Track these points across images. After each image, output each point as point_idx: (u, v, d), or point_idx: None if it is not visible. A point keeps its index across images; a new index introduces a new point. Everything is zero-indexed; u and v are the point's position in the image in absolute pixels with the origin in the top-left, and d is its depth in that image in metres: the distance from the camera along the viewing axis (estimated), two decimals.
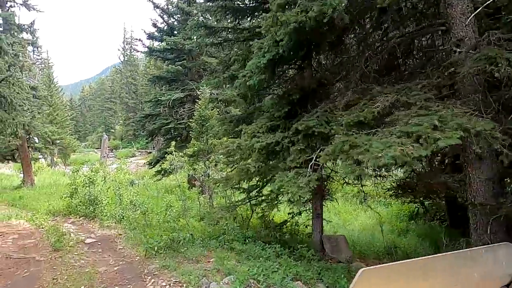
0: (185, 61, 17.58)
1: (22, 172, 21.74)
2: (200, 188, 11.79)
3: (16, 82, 13.95)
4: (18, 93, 13.76)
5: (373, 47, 5.53)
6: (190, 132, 13.37)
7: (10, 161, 22.47)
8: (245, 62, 7.02)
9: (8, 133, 19.14)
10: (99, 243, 8.04)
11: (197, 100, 14.75)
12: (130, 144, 56.71)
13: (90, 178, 11.18)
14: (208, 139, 11.94)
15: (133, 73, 60.43)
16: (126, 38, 61.27)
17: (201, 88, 13.90)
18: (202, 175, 11.24)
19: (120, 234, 8.72)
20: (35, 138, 22.65)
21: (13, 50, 19.99)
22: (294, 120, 5.34)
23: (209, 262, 6.35)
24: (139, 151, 53.86)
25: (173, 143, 13.17)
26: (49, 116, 30.69)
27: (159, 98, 16.63)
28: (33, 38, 21.58)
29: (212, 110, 12.31)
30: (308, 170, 4.82)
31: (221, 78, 7.09)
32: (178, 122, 17.00)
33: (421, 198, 11.19)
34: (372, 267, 2.10)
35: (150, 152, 55.40)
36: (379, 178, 10.19)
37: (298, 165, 5.06)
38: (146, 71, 55.21)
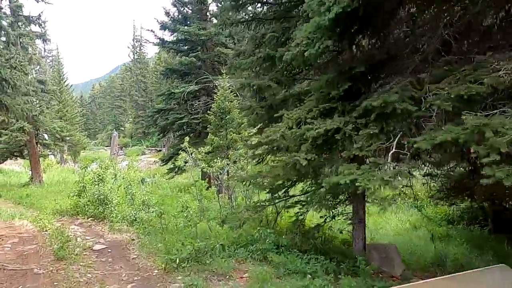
0: (199, 52, 16.43)
1: (30, 169, 20.85)
2: (218, 188, 10.61)
3: (19, 66, 12.83)
4: (21, 77, 12.54)
5: (453, 10, 4.28)
6: (208, 126, 12.20)
7: (19, 158, 21.58)
8: (285, 39, 5.83)
9: (15, 127, 18.22)
10: (109, 250, 6.91)
11: (215, 92, 13.61)
12: (140, 142, 55.90)
13: (100, 176, 10.08)
14: (228, 133, 10.77)
15: (143, 70, 59.61)
16: (136, 36, 60.50)
17: (220, 78, 12.73)
18: (221, 173, 10.06)
19: (133, 240, 7.59)
20: (45, 134, 21.75)
21: (21, 41, 19.10)
22: (358, 100, 4.15)
23: (242, 278, 5.16)
24: (149, 149, 53.04)
25: (187, 138, 12.07)
26: (59, 113, 29.86)
27: (173, 91, 15.50)
28: (41, 30, 20.61)
29: (231, 102, 11.15)
30: (388, 160, 3.61)
31: (255, 58, 5.88)
32: (192, 117, 15.86)
33: (468, 201, 9.86)
34: None
35: (160, 150, 54.57)
36: (426, 178, 8.92)
37: (367, 154, 3.85)
38: (156, 68, 54.36)
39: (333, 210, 7.74)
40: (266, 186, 6.56)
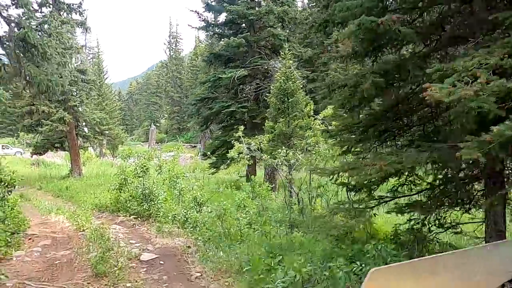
0: (247, 33, 14.61)
1: (70, 161, 20.04)
2: (288, 184, 8.68)
3: (54, 33, 11.38)
4: (54, 44, 11.00)
5: None
6: (267, 112, 10.29)
7: (59, 149, 20.88)
8: None
9: (55, 117, 17.33)
10: (161, 262, 5.20)
11: (267, 77, 11.75)
12: (175, 138, 55.42)
13: (144, 166, 8.49)
14: (291, 119, 8.86)
15: (178, 67, 59.11)
16: (172, 32, 60.08)
17: (279, 59, 10.84)
18: (287, 165, 8.13)
19: (189, 247, 5.84)
20: (85, 128, 20.91)
21: (60, 28, 18.19)
22: None
23: None
24: (184, 145, 52.38)
25: (241, 127, 10.37)
26: (98, 106, 29.29)
27: (220, 76, 13.80)
28: (82, 18, 19.66)
29: (294, 83, 9.19)
30: None
31: None
32: (240, 105, 14.10)
33: None
34: (382, 267, 2.07)
35: (195, 146, 53.76)
36: None
37: None
38: (192, 64, 53.58)
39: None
40: (373, 178, 4.57)
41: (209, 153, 15.63)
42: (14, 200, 7.51)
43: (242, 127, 10.59)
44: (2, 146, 34.63)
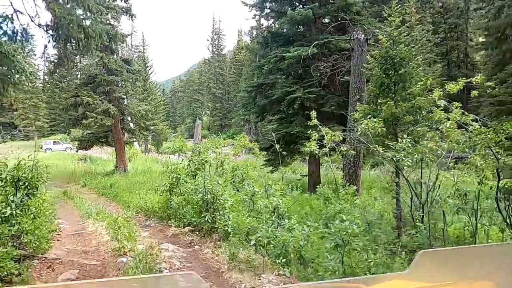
0: (315, 3, 11.99)
1: (116, 156, 18.70)
2: (395, 189, 5.99)
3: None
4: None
5: None
6: (337, 97, 7.60)
7: (104, 144, 19.66)
8: None
9: (100, 109, 15.90)
10: None
11: (345, 54, 9.10)
12: (217, 134, 54.05)
13: (204, 160, 6.23)
14: (406, 97, 6.17)
15: (221, 63, 57.74)
16: (215, 28, 58.76)
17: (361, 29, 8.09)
18: (394, 162, 5.44)
19: None
20: (130, 123, 19.50)
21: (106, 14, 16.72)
22: None
23: None
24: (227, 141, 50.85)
25: (313, 113, 7.98)
26: (143, 101, 28.18)
27: (283, 55, 11.30)
28: (127, 5, 18.13)
29: (407, 47, 6.50)
30: None
31: None
32: (307, 90, 11.55)
33: None
34: (429, 249, 2.03)
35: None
36: None
37: None
38: (235, 58, 51.86)
39: None
40: None
41: (264, 149, 13.21)
42: (38, 206, 5.56)
43: (314, 113, 8.14)
44: (54, 142, 34.93)
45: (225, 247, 5.02)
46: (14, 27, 6.53)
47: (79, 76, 39.68)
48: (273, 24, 17.29)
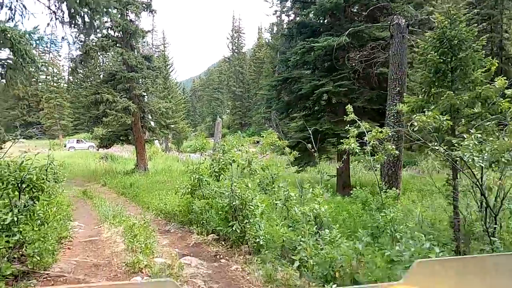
0: None
1: (136, 156, 18.30)
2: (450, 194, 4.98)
3: None
4: None
5: None
6: (370, 91, 6.58)
7: (124, 143, 19.31)
8: None
9: (120, 106, 15.46)
10: None
11: (383, 43, 8.12)
12: (237, 133, 53.46)
13: (230, 159, 5.44)
14: (467, 83, 5.14)
15: (241, 61, 57.12)
16: (235, 26, 58.21)
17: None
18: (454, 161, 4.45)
19: None
20: (151, 122, 19.06)
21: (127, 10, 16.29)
22: None
23: None
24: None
25: (349, 108, 7.04)
26: (164, 99, 27.84)
27: (312, 46, 10.34)
28: (147, 0, 17.64)
29: (466, 27, 5.46)
30: None
31: None
32: (337, 83, 10.57)
33: None
34: (426, 259, 1.97)
35: (258, 142, 51.18)
36: None
37: None
38: (255, 55, 51.09)
39: None
40: None
41: (285, 147, 12.28)
42: (47, 211, 4.93)
43: (350, 107, 7.20)
44: (77, 140, 35.30)
45: (257, 263, 4.19)
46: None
47: (101, 76, 39.99)
48: (297, 17, 16.34)
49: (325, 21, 13.25)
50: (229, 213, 4.94)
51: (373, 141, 6.44)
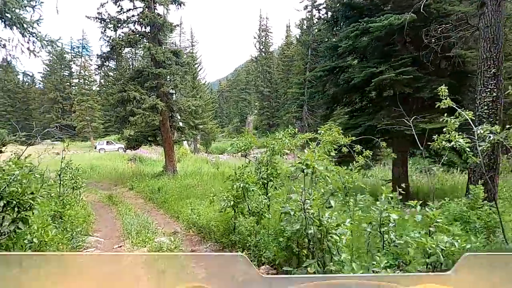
0: None
1: (164, 158, 17.11)
2: None
3: None
4: None
5: None
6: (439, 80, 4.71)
7: (153, 144, 18.16)
8: None
9: (147, 105, 14.26)
10: None
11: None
12: (265, 134, 51.75)
13: (304, 161, 3.81)
14: None
15: (268, 61, 55.53)
16: (262, 25, 56.69)
17: None
18: None
19: None
20: (180, 122, 17.85)
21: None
22: None
23: None
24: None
25: (444, 88, 5.21)
26: (193, 97, 26.74)
27: (369, 26, 8.47)
28: None
29: None
30: None
31: None
32: (399, 70, 8.67)
33: None
34: (475, 253, 1.97)
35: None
36: None
37: None
38: (283, 54, 49.34)
39: None
40: None
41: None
42: (40, 236, 3.52)
43: (445, 89, 5.45)
44: (107, 142, 35.06)
45: None
46: None
47: (128, 74, 39.63)
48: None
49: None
50: (300, 243, 3.28)
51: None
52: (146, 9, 15.47)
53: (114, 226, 8.66)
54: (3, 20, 7.12)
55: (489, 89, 6.56)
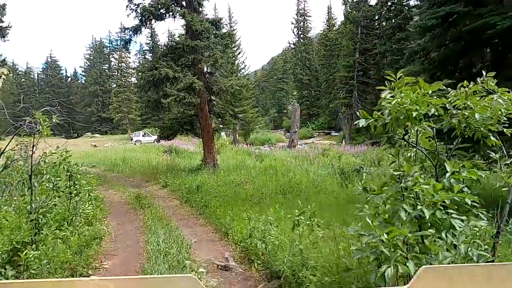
0: None
1: (203, 149, 14.36)
2: None
3: None
4: None
5: None
6: None
7: (189, 133, 15.42)
8: None
9: (181, 85, 11.45)
10: None
11: None
12: (305, 124, 47.96)
13: None
14: None
15: (307, 47, 51.48)
16: (300, 9, 52.55)
17: None
18: None
19: None
20: (219, 104, 15.01)
21: None
22: None
23: None
24: (317, 132, 44.57)
25: None
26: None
27: None
28: None
29: None
30: None
31: None
32: None
33: None
34: (432, 266, 1.81)
35: (328, 133, 45.16)
36: None
37: None
38: (325, 37, 45.08)
39: None
40: None
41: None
42: None
43: None
44: (144, 134, 33.38)
45: None
46: None
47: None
48: None
49: None
50: None
51: None
52: None
53: (136, 245, 5.89)
54: None
55: None
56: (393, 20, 26.26)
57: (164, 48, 13.14)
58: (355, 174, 11.79)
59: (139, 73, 11.97)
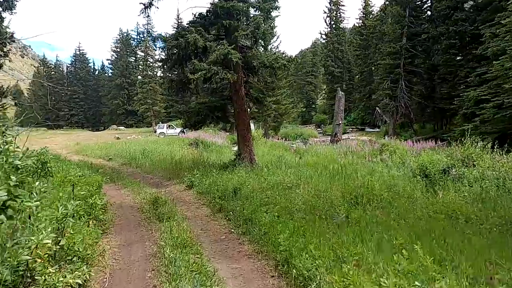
0: None
1: (237, 141, 11.55)
2: None
3: None
4: None
5: None
6: None
7: (220, 121, 12.63)
8: None
9: (213, 56, 8.67)
10: None
11: None
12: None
13: None
14: None
15: (340, 38, 47.62)
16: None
17: None
18: None
19: None
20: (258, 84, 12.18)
21: None
22: None
23: None
24: (349, 128, 40.85)
25: None
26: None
27: None
28: None
29: None
30: None
31: None
32: None
33: None
34: None
35: (362, 129, 41.30)
36: None
37: None
38: (362, 26, 41.20)
39: None
40: None
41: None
42: None
43: None
44: (168, 126, 31.17)
45: None
46: None
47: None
48: None
49: None
50: None
51: None
52: None
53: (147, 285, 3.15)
54: None
55: None
56: None
57: (192, 15, 10.44)
58: (441, 177, 8.59)
59: (163, 42, 9.27)
